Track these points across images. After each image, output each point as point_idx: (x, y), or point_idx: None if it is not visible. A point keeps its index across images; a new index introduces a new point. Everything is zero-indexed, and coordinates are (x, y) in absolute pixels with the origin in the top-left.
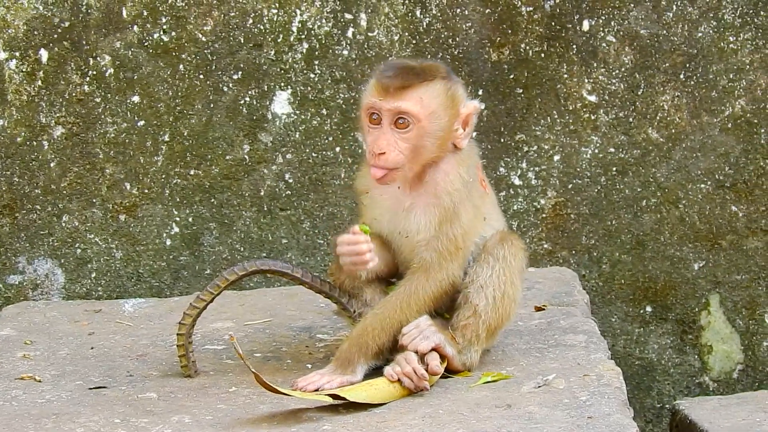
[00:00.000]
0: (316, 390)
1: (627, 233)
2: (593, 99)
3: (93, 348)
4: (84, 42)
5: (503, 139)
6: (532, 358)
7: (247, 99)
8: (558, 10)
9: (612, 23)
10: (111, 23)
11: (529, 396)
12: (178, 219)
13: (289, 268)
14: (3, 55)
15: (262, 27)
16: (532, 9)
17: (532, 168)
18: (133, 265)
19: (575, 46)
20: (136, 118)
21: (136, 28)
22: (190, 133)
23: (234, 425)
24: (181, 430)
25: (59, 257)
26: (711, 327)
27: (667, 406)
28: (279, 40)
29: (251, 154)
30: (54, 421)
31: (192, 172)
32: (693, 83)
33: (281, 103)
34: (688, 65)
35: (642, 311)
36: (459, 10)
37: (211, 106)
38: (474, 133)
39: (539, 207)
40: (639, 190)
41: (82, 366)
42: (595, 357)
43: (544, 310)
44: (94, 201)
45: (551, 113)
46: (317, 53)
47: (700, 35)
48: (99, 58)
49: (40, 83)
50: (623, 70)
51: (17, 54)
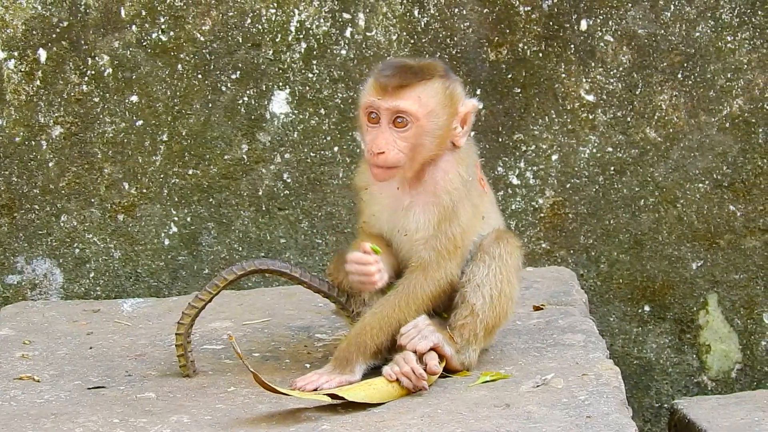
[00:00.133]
0: (314, 390)
1: (625, 233)
2: (591, 98)
3: (91, 348)
4: (82, 42)
5: (501, 139)
6: (530, 357)
7: (246, 99)
8: (556, 9)
9: (610, 23)
10: (109, 23)
11: (528, 395)
12: (176, 219)
13: (288, 267)
14: (1, 55)
15: (260, 27)
16: (530, 8)
17: (530, 167)
18: (132, 265)
19: (573, 45)
20: (134, 117)
21: (134, 27)
22: (188, 133)
23: (233, 425)
24: (180, 429)
25: (58, 257)
26: (709, 326)
27: (666, 405)
28: (277, 39)
29: (249, 153)
30: (53, 421)
31: (190, 171)
32: (691, 83)
33: (279, 103)
34: (685, 65)
35: (640, 311)
36: (457, 9)
37: (210, 105)
38: (472, 133)
39: (537, 206)
40: (637, 189)
41: (80, 366)
42: (594, 356)
43: (542, 309)
44: (92, 201)
45: (549, 113)
46: (315, 53)
47: (697, 35)
48: (97, 57)
49: (38, 83)
50: (621, 69)
51: (16, 54)
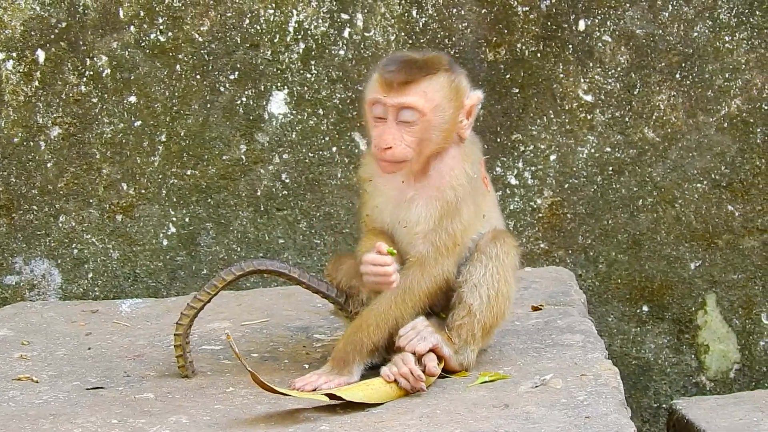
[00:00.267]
0: (313, 390)
1: (623, 233)
2: (589, 99)
3: (90, 348)
4: (81, 42)
5: (499, 139)
6: (529, 357)
7: (244, 99)
8: (554, 9)
9: (608, 23)
10: (108, 24)
11: (527, 396)
12: (174, 219)
13: (286, 268)
14: (0, 56)
15: (258, 27)
16: (528, 9)
17: (528, 168)
18: (130, 266)
19: (571, 45)
20: (132, 118)
21: (132, 28)
22: (186, 134)
23: (231, 425)
24: (179, 430)
25: (56, 257)
26: (708, 326)
27: (664, 405)
28: (275, 40)
29: (248, 154)
30: (51, 422)
31: (189, 172)
32: (689, 83)
33: (278, 103)
34: (683, 65)
35: (638, 311)
36: (455, 9)
37: (208, 106)
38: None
39: (536, 207)
40: (635, 189)
41: (79, 366)
42: (593, 357)
43: (541, 309)
44: (90, 201)
45: (547, 113)
46: (314, 53)
47: (695, 35)
48: (96, 58)
49: (37, 84)
50: (619, 69)
51: (14, 54)
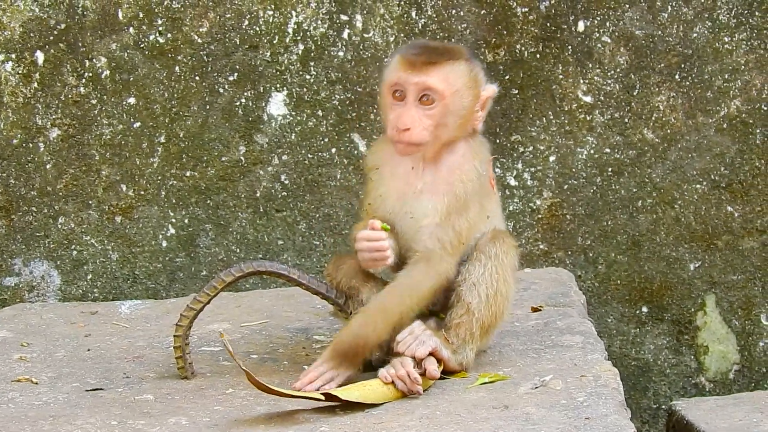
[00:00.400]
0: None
1: (623, 234)
2: (589, 100)
3: (89, 350)
4: (80, 44)
5: (499, 140)
6: (529, 359)
7: (243, 100)
8: (553, 10)
9: (607, 24)
10: (107, 25)
11: (527, 397)
12: (174, 220)
13: (286, 269)
14: None
15: (257, 28)
16: (527, 10)
17: (527, 169)
18: (129, 267)
19: (570, 46)
20: (131, 119)
21: (131, 29)
22: (185, 135)
23: (231, 427)
24: (178, 431)
25: (55, 259)
26: (707, 327)
27: (664, 406)
28: (275, 41)
29: (247, 155)
30: (51, 424)
31: (188, 173)
32: (688, 84)
33: (277, 105)
34: (683, 66)
35: (638, 312)
36: (454, 11)
37: (207, 107)
38: None
39: (535, 208)
40: (635, 190)
41: (78, 368)
42: (592, 358)
43: (540, 310)
44: (90, 203)
45: (547, 114)
46: (313, 54)
47: (695, 36)
48: (95, 59)
49: (36, 85)
50: (618, 70)
51: (13, 56)
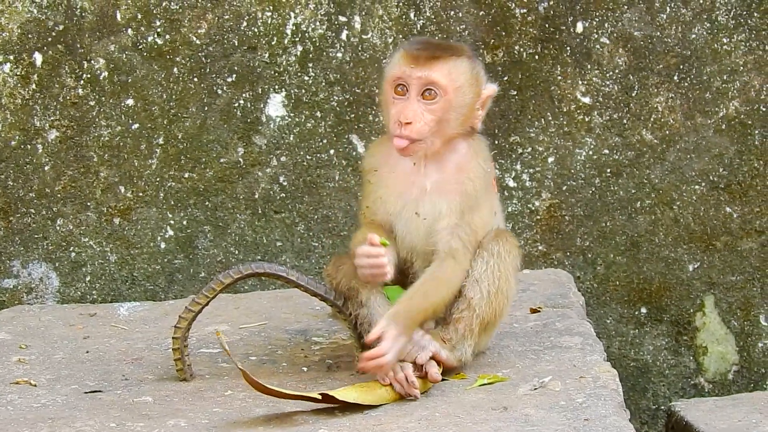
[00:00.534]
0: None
1: (621, 235)
2: (587, 100)
3: (88, 352)
4: (78, 45)
5: (497, 141)
6: (527, 360)
7: (242, 102)
8: (552, 11)
9: (606, 25)
10: (105, 26)
11: (526, 398)
12: (172, 222)
13: (284, 271)
14: None
15: (256, 30)
16: (525, 11)
17: (526, 170)
18: (128, 269)
19: (569, 47)
20: (130, 121)
21: (130, 31)
22: (184, 136)
23: (229, 429)
24: None
25: (54, 261)
26: (706, 328)
27: (663, 407)
28: (273, 42)
29: (245, 156)
30: (50, 426)
31: (186, 175)
32: (687, 85)
33: (275, 106)
34: (681, 67)
35: (637, 313)
36: (453, 12)
37: (206, 109)
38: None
39: (534, 209)
40: (633, 191)
41: (77, 370)
42: (591, 359)
43: (539, 312)
44: (88, 204)
45: (545, 115)
46: (311, 56)
47: (693, 37)
48: (93, 61)
49: (34, 87)
50: (617, 71)
51: (11, 57)
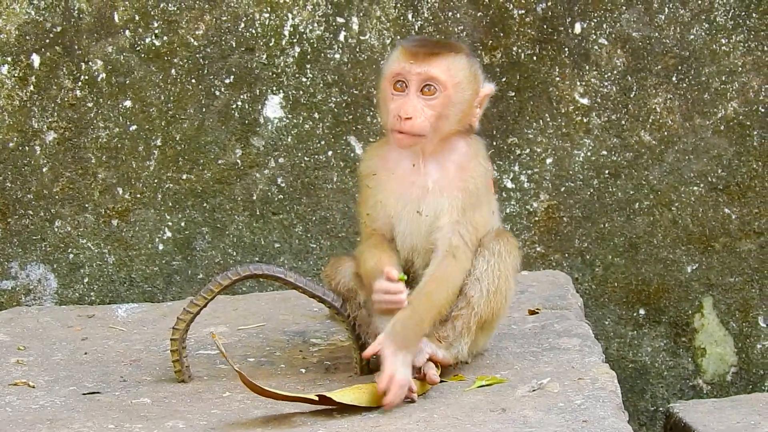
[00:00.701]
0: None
1: (620, 236)
2: (585, 102)
3: (86, 353)
4: (76, 47)
5: (495, 142)
6: (526, 361)
7: (239, 103)
8: (550, 12)
9: (604, 26)
10: (103, 28)
11: (524, 400)
12: (170, 224)
13: (283, 272)
14: None
15: (253, 31)
16: (524, 12)
17: (524, 171)
18: (126, 270)
19: (567, 48)
20: (128, 122)
21: (128, 32)
22: (182, 138)
23: (228, 430)
24: None
25: (52, 262)
26: (704, 329)
27: (661, 409)
28: (271, 44)
29: (243, 158)
30: (48, 427)
31: (184, 176)
32: (685, 86)
33: (273, 107)
34: (680, 67)
35: (635, 314)
36: (451, 13)
37: (203, 110)
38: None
39: (532, 210)
40: (632, 192)
41: (75, 371)
42: (590, 360)
43: (537, 313)
44: (86, 206)
45: (543, 116)
46: (309, 57)
47: (692, 37)
48: (91, 62)
49: (32, 88)
50: (615, 72)
51: (9, 59)
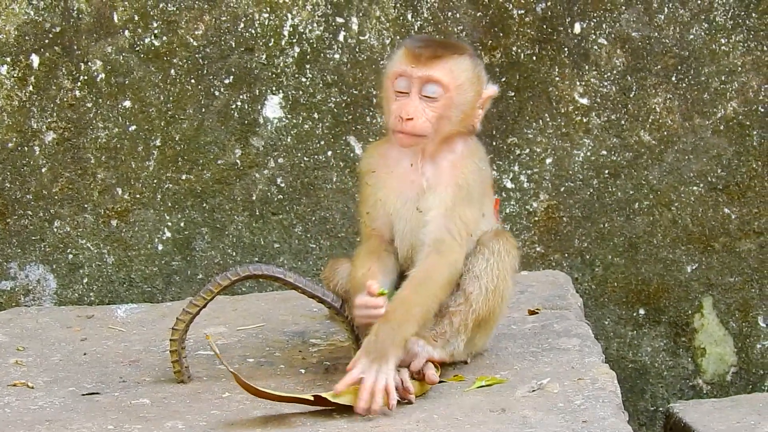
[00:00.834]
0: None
1: (620, 236)
2: (585, 101)
3: (86, 354)
4: (75, 47)
5: (495, 143)
6: (526, 362)
7: (239, 103)
8: (549, 12)
9: (603, 26)
10: (102, 28)
11: (524, 400)
12: (170, 224)
13: (282, 272)
14: None
15: (253, 31)
16: (523, 12)
17: (524, 171)
18: (125, 271)
19: (567, 48)
20: (127, 123)
21: (127, 32)
22: (181, 138)
23: (227, 431)
24: None
25: (51, 263)
26: (704, 329)
27: (661, 409)
28: (270, 44)
29: (243, 158)
30: (47, 428)
31: (184, 176)
32: (685, 85)
33: (273, 107)
34: (679, 67)
35: (635, 314)
36: (450, 13)
37: (203, 110)
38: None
39: (531, 210)
40: (631, 192)
41: (74, 372)
42: (589, 361)
43: (537, 313)
44: (85, 206)
45: (543, 116)
46: (309, 57)
47: (691, 37)
48: (90, 63)
49: (31, 88)
50: (615, 72)
51: (8, 59)
